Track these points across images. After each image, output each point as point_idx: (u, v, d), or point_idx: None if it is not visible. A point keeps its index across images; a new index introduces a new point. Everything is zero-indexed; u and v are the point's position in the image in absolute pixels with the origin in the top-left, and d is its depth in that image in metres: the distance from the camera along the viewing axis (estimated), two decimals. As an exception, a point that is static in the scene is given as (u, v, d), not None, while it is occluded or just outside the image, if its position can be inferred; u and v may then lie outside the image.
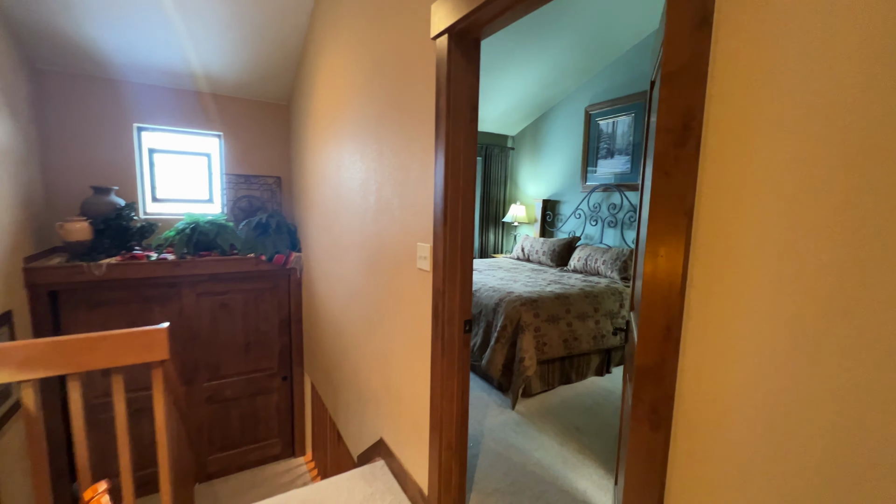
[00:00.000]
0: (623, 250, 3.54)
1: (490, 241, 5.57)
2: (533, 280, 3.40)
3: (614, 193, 4.19)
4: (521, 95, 4.60)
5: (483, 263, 4.18)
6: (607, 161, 4.27)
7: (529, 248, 4.49)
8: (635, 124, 3.96)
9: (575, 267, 3.89)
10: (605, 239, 4.29)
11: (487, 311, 2.85)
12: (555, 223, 4.94)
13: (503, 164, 5.49)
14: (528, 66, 4.06)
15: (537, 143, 5.18)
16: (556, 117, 4.87)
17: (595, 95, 4.35)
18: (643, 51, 3.82)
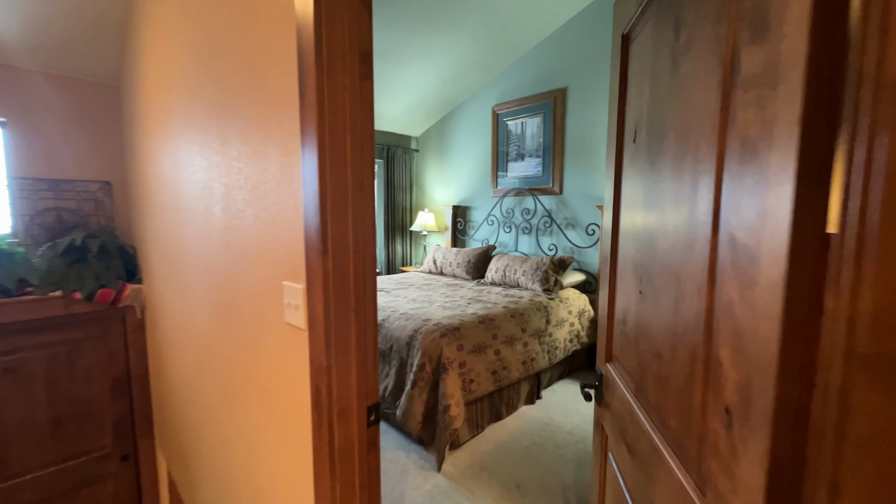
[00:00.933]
0: (542, 259, 3.27)
1: (398, 252, 5.01)
2: (451, 299, 2.93)
3: (527, 198, 3.96)
4: (424, 91, 4.15)
5: (391, 281, 3.61)
6: (518, 164, 4.03)
7: (442, 259, 4.04)
8: (545, 125, 3.76)
9: (493, 279, 3.54)
10: (521, 246, 4.03)
11: (400, 345, 2.29)
12: (467, 231, 4.59)
13: (407, 167, 5.00)
14: (430, 59, 3.63)
15: (444, 144, 4.79)
16: (463, 117, 4.53)
17: (502, 94, 4.09)
18: (551, 48, 3.64)
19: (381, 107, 4.27)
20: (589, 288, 3.51)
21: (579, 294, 3.29)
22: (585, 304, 3.25)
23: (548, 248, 3.78)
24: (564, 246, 3.69)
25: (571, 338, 3.04)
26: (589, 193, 3.49)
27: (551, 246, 3.76)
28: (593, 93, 3.39)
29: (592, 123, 3.42)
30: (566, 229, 3.67)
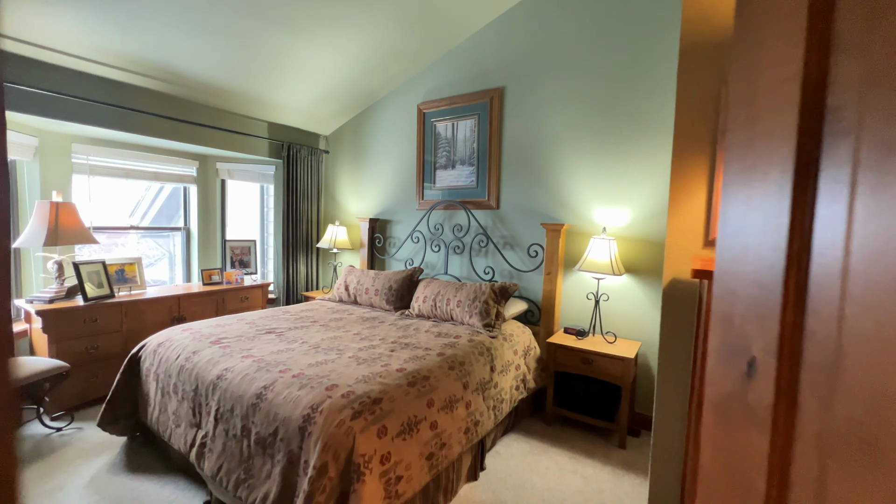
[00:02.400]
0: (481, 287, 2.70)
1: (300, 274, 4.09)
2: (368, 344, 2.20)
3: (459, 212, 3.39)
4: (336, 80, 3.39)
5: (287, 317, 2.74)
6: (448, 172, 3.45)
7: (356, 284, 3.27)
8: (479, 129, 3.25)
9: (420, 311, 2.87)
10: (452, 268, 3.44)
11: (289, 431, 1.51)
12: (387, 249, 3.87)
13: (314, 170, 4.14)
14: (343, 37, 2.90)
15: (360, 146, 4.04)
16: (383, 115, 3.85)
17: (430, 91, 3.50)
18: (489, 40, 3.15)
19: (278, 94, 3.40)
20: (531, 319, 3.03)
21: (522, 327, 2.78)
22: (530, 341, 2.74)
23: (483, 272, 3.24)
24: (502, 269, 3.17)
25: (517, 384, 2.50)
26: (530, 209, 3.03)
27: (487, 269, 3.23)
28: (536, 95, 2.96)
29: (535, 130, 2.98)
30: (504, 249, 3.17)
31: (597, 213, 2.75)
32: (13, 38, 2.28)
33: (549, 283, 2.83)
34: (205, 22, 2.48)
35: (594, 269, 2.49)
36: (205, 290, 3.31)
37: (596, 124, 2.73)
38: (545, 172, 2.95)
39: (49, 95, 2.55)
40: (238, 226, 4.24)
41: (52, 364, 2.34)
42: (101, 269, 2.84)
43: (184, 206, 3.91)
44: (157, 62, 2.72)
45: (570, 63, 2.80)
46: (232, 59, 2.87)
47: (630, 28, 2.56)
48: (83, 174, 3.12)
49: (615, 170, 2.67)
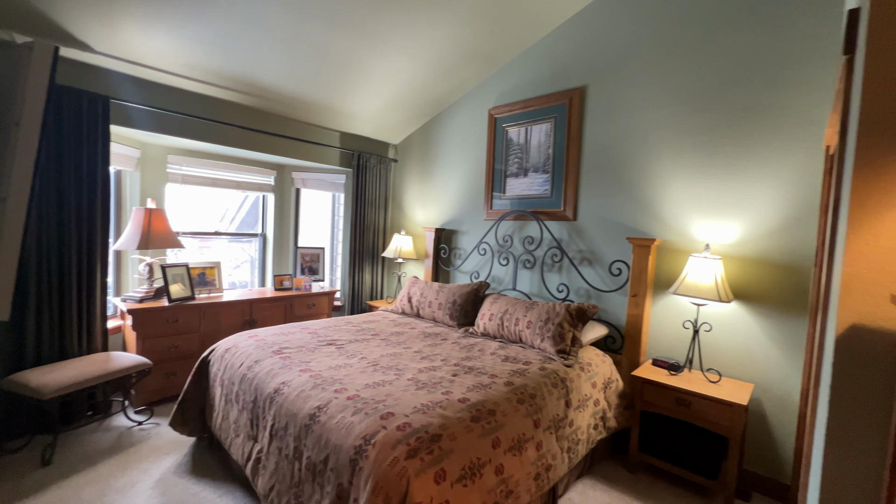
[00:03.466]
0: (554, 307, 2.41)
1: (365, 283, 4.08)
2: (429, 365, 2.03)
3: (530, 223, 3.13)
4: (407, 87, 3.33)
5: (349, 327, 2.68)
6: (519, 181, 3.22)
7: (420, 297, 3.14)
8: (556, 133, 2.98)
9: (486, 329, 2.65)
10: (521, 284, 3.18)
11: (341, 460, 1.36)
12: (452, 260, 3.71)
13: (382, 179, 4.13)
14: (414, 42, 2.82)
15: (428, 154, 3.96)
16: (452, 121, 3.72)
17: (503, 94, 3.31)
18: (568, 37, 2.89)
19: (350, 103, 3.42)
20: (612, 346, 2.67)
21: (602, 356, 2.44)
22: (612, 372, 2.39)
23: (556, 289, 2.94)
24: (578, 287, 2.85)
25: (596, 422, 2.17)
26: (613, 222, 2.68)
27: (560, 286, 2.92)
28: (624, 93, 2.63)
29: (621, 132, 2.65)
30: (581, 266, 2.84)
31: (697, 228, 2.35)
32: (118, 58, 2.49)
33: (636, 306, 2.46)
34: (283, 34, 2.53)
35: (694, 294, 2.10)
36: (275, 296, 3.39)
37: (698, 124, 2.33)
38: (632, 180, 2.60)
39: (150, 111, 2.75)
40: (309, 233, 4.35)
41: (138, 360, 2.48)
42: (184, 272, 3.01)
43: (261, 213, 4.10)
44: (240, 75, 2.84)
45: (666, 56, 2.44)
46: (307, 70, 2.92)
47: (747, 10, 2.16)
48: (176, 183, 3.36)
49: (722, 177, 2.26)
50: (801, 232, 2.03)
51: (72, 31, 2.24)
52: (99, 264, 2.52)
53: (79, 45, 2.34)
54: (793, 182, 2.05)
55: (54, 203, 2.34)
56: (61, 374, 2.16)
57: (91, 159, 2.45)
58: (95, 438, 2.37)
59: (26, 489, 1.91)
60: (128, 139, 3.00)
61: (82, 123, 2.39)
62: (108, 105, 2.48)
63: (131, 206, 3.13)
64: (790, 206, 2.06)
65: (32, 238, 2.28)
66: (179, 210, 3.52)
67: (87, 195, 2.45)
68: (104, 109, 2.47)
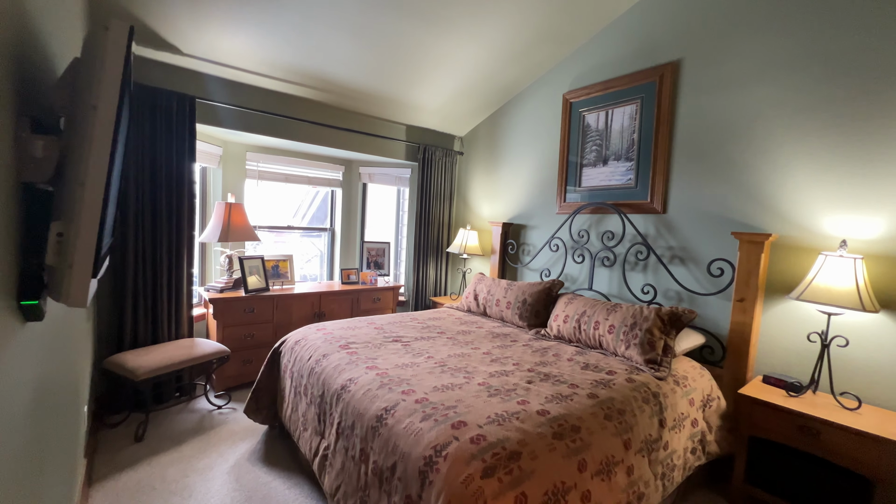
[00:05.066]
0: (642, 311, 2.13)
1: (430, 279, 4.01)
2: (500, 368, 1.87)
3: (610, 217, 2.84)
4: (474, 74, 3.18)
5: (415, 324, 2.60)
6: (597, 170, 2.93)
7: (486, 294, 2.99)
8: (642, 116, 2.66)
9: (560, 332, 2.43)
10: (598, 283, 2.90)
11: (409, 469, 1.26)
12: (520, 257, 3.51)
13: (448, 173, 4.02)
14: (485, 26, 2.65)
15: (496, 146, 3.78)
16: (523, 110, 3.51)
17: (580, 77, 3.03)
18: (658, 5, 2.56)
19: (416, 94, 3.34)
20: (710, 357, 2.32)
21: (700, 369, 2.12)
22: (712, 388, 2.07)
23: (641, 291, 2.63)
24: (667, 289, 2.52)
25: (694, 446, 1.88)
26: (714, 214, 2.33)
27: (646, 287, 2.61)
28: (730, 64, 2.26)
29: (726, 110, 2.28)
30: (671, 264, 2.51)
31: (827, 222, 1.94)
32: (203, 59, 2.61)
33: (742, 312, 2.10)
34: (351, 24, 2.50)
35: (825, 300, 1.73)
36: (343, 289, 3.42)
37: (830, 95, 1.92)
38: (739, 166, 2.22)
39: (231, 109, 2.87)
40: (375, 228, 4.38)
41: (218, 348, 2.59)
42: (260, 265, 3.12)
43: (330, 208, 4.18)
44: (310, 70, 2.87)
45: (787, 12, 2.05)
46: (375, 61, 2.88)
47: (904, -54, 1.72)
48: (253, 179, 3.51)
49: (862, 159, 1.84)
50: (985, 226, 1.58)
51: (164, 35, 2.37)
52: (186, 256, 2.68)
53: (169, 48, 2.48)
54: (972, 162, 1.60)
55: (149, 198, 2.51)
56: (152, 358, 2.31)
57: (180, 156, 2.60)
58: (181, 419, 2.52)
59: (121, 463, 2.05)
60: (212, 137, 3.18)
61: (172, 123, 2.54)
62: (194, 104, 2.61)
63: (214, 201, 3.31)
64: (968, 192, 1.61)
65: (130, 230, 2.46)
66: (256, 205, 3.69)
67: (177, 190, 2.60)
68: (191, 109, 2.61)
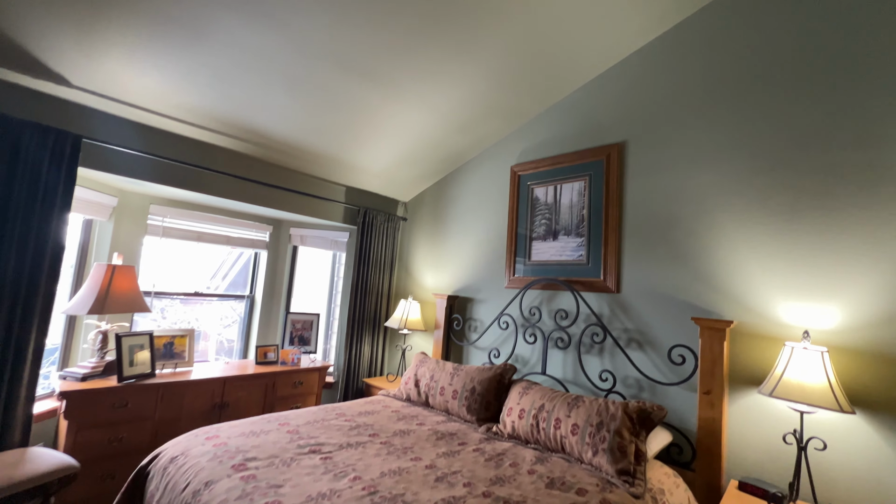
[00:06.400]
0: (608, 407, 1.87)
1: (363, 357, 3.52)
2: (448, 494, 1.45)
3: (563, 294, 2.66)
4: (422, 140, 3.05)
5: (340, 422, 2.10)
6: (547, 244, 2.81)
7: (429, 381, 2.59)
8: (591, 192, 2.62)
9: (515, 429, 2.08)
10: (552, 367, 2.64)
11: None
12: (466, 334, 3.20)
13: (390, 239, 3.74)
14: (432, 93, 2.56)
15: (442, 213, 3.60)
16: (470, 178, 3.40)
17: (528, 150, 3.01)
18: (605, 89, 2.63)
19: (358, 155, 3.12)
20: (679, 458, 2.07)
21: (675, 477, 1.85)
22: (688, 499, 1.79)
23: (599, 377, 2.40)
24: (626, 375, 2.31)
25: (681, 585, 1.53)
26: (670, 297, 2.22)
27: (604, 374, 2.38)
28: (673, 148, 2.30)
29: (672, 191, 2.27)
30: (629, 348, 2.33)
31: (783, 309, 1.88)
32: (97, 94, 2.19)
33: (710, 406, 1.92)
34: (289, 75, 2.26)
35: (799, 398, 1.58)
36: (256, 372, 2.83)
37: (770, 184, 1.96)
38: (690, 248, 2.17)
39: (133, 154, 2.41)
40: (304, 297, 3.87)
41: (60, 463, 1.88)
42: (147, 342, 2.49)
43: (252, 272, 3.65)
44: (237, 119, 2.55)
45: (721, 108, 2.14)
46: (315, 118, 2.63)
47: (823, 59, 1.87)
48: (156, 236, 2.95)
49: (808, 246, 1.84)
50: (935, 320, 1.56)
51: (46, 62, 1.95)
52: (34, 332, 2.02)
53: (54, 78, 2.04)
54: (912, 256, 1.62)
55: (-11, 255, 1.90)
56: (-60, 490, 1.57)
57: (47, 204, 2.05)
58: (-21, 580, 1.71)
59: None
60: (104, 185, 2.64)
61: (42, 163, 2.02)
62: (78, 145, 2.13)
63: (98, 261, 2.69)
64: (913, 285, 1.61)
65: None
66: (160, 267, 3.08)
67: (35, 246, 2.02)
68: (73, 149, 2.12)
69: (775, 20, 2.01)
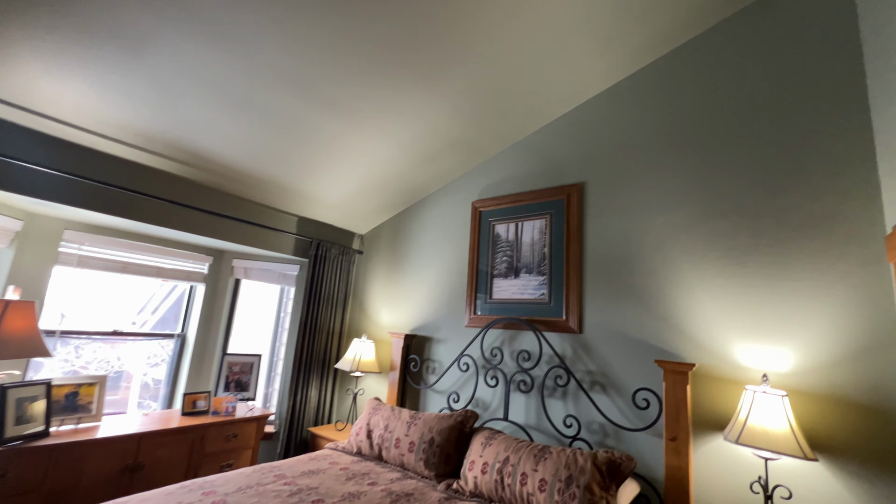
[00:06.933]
0: (576, 459, 1.75)
1: (310, 403, 3.19)
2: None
3: (525, 334, 2.58)
4: (382, 172, 2.95)
5: (278, 486, 1.81)
6: (509, 282, 2.74)
7: (383, 431, 2.35)
8: (552, 231, 2.61)
9: (478, 487, 1.89)
10: (514, 412, 2.50)
11: None
12: (424, 376, 3.00)
13: (344, 273, 3.52)
14: (396, 126, 2.50)
15: (400, 247, 3.46)
16: (431, 213, 3.32)
17: (489, 187, 2.99)
18: (565, 131, 2.69)
19: (313, 184, 2.95)
20: (648, 510, 1.97)
21: (644, 533, 1.73)
22: (662, 561, 1.68)
23: (563, 423, 2.29)
24: (590, 420, 2.23)
25: None
26: (632, 338, 2.19)
27: (569, 419, 2.28)
28: (629, 193, 2.35)
29: (632, 234, 2.30)
30: (593, 391, 2.26)
31: (740, 351, 1.89)
32: (7, 102, 1.90)
33: (676, 454, 1.85)
34: (241, 98, 2.10)
35: (765, 445, 1.55)
36: (181, 425, 2.45)
37: (723, 229, 2.03)
38: (651, 290, 2.18)
39: (46, 173, 2.10)
40: (245, 336, 3.51)
41: None
42: (42, 393, 2.08)
43: (185, 308, 3.28)
44: (179, 141, 2.32)
45: (677, 154, 2.23)
46: (267, 143, 2.46)
47: (776, 110, 2.01)
48: (69, 266, 2.57)
49: (761, 290, 1.89)
50: (879, 363, 1.61)
51: (-60, 61, 1.67)
52: None
53: (-51, 81, 1.75)
54: (854, 301, 1.69)
55: None
56: None
57: (-79, 228, 1.69)
58: None
59: None
60: (7, 207, 2.28)
61: (-79, 178, 1.69)
62: (-27, 158, 1.81)
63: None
64: (855, 329, 1.67)
65: None
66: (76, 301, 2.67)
67: None
68: (-34, 164, 1.80)
69: (727, 73, 2.15)
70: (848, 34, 1.85)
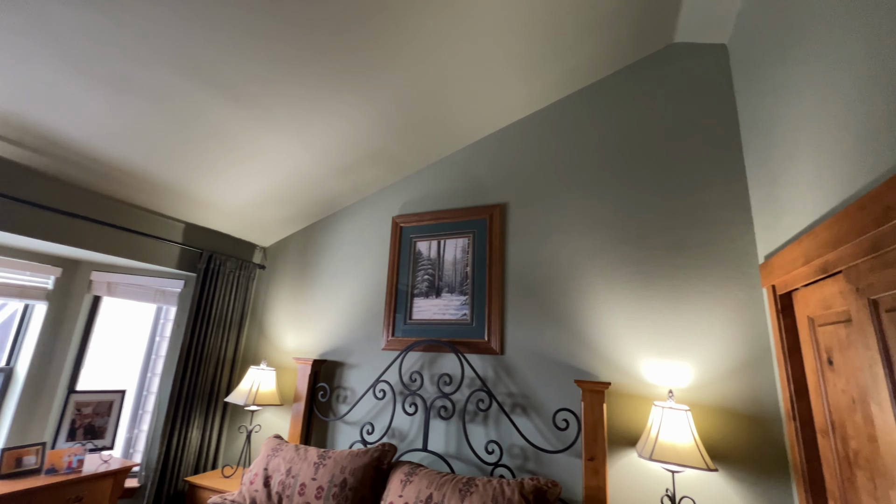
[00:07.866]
0: (503, 490, 1.67)
1: (191, 445, 2.66)
2: None
3: (446, 356, 2.47)
4: (292, 178, 2.66)
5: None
6: (430, 302, 2.63)
7: (285, 476, 2.02)
8: (475, 250, 2.57)
9: (396, 533, 1.69)
10: (434, 441, 2.35)
11: None
12: (334, 406, 2.70)
13: (241, 290, 3.08)
14: (309, 129, 2.27)
15: (310, 263, 3.14)
16: (346, 226, 3.08)
17: (411, 203, 2.87)
18: (487, 152, 2.70)
19: (206, 186, 2.54)
20: (568, 535, 1.96)
21: (568, 561, 1.70)
22: (585, 589, 1.65)
23: (485, 449, 2.20)
24: (511, 444, 2.18)
25: None
26: (551, 359, 2.22)
27: (490, 446, 2.21)
28: (547, 216, 2.42)
29: (550, 255, 2.36)
30: (514, 414, 2.22)
31: (646, 369, 2.01)
32: None
33: (594, 474, 1.88)
34: (114, 74, 1.70)
35: (674, 459, 1.63)
36: (-6, 494, 1.82)
37: (629, 254, 2.17)
38: (569, 310, 2.24)
39: None
40: (105, 368, 2.84)
41: None
42: None
43: (15, 334, 2.54)
44: (17, 113, 1.79)
45: (588, 182, 2.36)
46: (147, 132, 2.04)
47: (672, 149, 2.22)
48: None
49: (662, 310, 2.05)
50: (758, 377, 1.82)
51: None
52: None
53: None
54: (735, 320, 1.91)
55: None
56: None
57: None
58: None
59: None
60: None
61: None
62: None
63: None
64: (739, 346, 1.88)
65: None
66: None
67: None
68: None
69: (633, 113, 2.35)
70: (725, 92, 2.15)
